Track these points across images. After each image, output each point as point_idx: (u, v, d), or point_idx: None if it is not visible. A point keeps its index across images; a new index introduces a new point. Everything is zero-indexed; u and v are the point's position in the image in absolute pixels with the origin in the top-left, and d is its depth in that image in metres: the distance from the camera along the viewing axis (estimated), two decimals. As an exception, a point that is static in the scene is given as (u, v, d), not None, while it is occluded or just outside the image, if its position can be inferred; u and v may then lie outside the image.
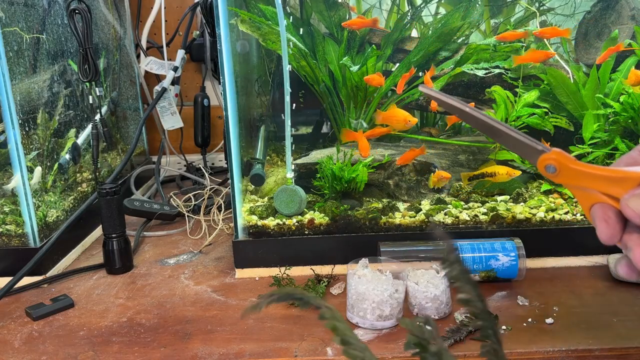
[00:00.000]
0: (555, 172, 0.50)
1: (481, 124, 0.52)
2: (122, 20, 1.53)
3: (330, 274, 0.95)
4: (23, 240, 1.00)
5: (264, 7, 1.11)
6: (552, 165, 0.50)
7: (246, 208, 1.05)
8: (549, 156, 0.50)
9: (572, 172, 0.49)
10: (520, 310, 0.84)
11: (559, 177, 0.50)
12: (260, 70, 1.34)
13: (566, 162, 0.49)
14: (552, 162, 0.50)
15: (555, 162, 0.50)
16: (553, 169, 0.50)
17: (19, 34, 1.01)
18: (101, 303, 0.92)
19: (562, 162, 0.49)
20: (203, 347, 0.77)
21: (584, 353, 0.73)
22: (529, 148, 0.51)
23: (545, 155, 0.50)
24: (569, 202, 1.05)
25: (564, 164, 0.49)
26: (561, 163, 0.49)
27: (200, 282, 0.98)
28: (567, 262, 0.99)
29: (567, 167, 0.49)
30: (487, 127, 0.52)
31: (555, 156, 0.49)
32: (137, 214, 1.26)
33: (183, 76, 1.67)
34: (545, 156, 0.50)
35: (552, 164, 0.50)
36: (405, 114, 1.00)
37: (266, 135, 1.31)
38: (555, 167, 0.50)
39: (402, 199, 1.09)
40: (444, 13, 1.24)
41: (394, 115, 1.01)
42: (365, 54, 1.14)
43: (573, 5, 1.22)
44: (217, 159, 1.79)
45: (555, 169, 0.50)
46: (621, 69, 1.06)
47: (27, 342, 0.80)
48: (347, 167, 1.02)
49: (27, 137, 1.01)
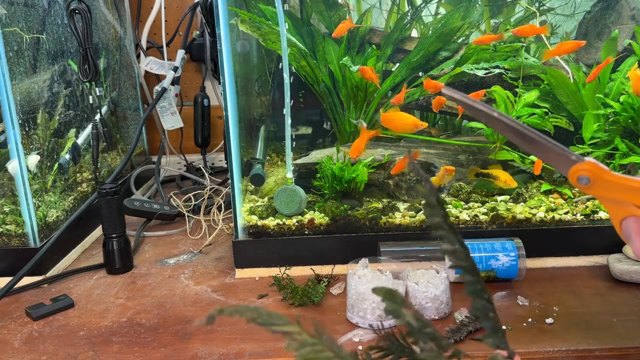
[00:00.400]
0: (588, 183, 0.48)
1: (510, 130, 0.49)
2: (122, 20, 1.53)
3: (330, 274, 0.95)
4: (23, 240, 1.00)
5: (264, 7, 1.11)
6: (586, 177, 0.48)
7: (246, 208, 1.05)
8: (582, 166, 0.48)
9: (607, 183, 0.47)
10: (520, 310, 0.84)
11: (592, 188, 0.48)
12: (260, 70, 1.34)
13: (601, 174, 0.47)
14: (585, 173, 0.48)
15: (589, 173, 0.47)
16: (586, 180, 0.48)
17: (19, 34, 1.01)
18: (101, 303, 0.92)
19: (597, 173, 0.47)
20: (203, 347, 0.77)
21: (584, 353, 0.73)
22: (561, 157, 0.48)
23: (579, 165, 0.48)
24: (569, 202, 1.05)
25: (598, 175, 0.47)
26: (595, 174, 0.47)
27: (200, 282, 0.98)
28: (567, 262, 0.99)
29: (602, 178, 0.47)
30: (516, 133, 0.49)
31: (589, 167, 0.47)
32: (137, 214, 1.26)
33: (183, 76, 1.67)
34: (578, 166, 0.48)
35: (586, 175, 0.48)
36: (413, 118, 0.98)
37: (266, 135, 1.31)
38: (589, 178, 0.48)
39: (402, 199, 1.09)
40: (444, 13, 1.24)
41: (400, 118, 0.99)
42: (365, 54, 1.14)
43: (573, 5, 1.22)
44: (217, 159, 1.79)
45: (589, 180, 0.48)
46: (621, 69, 1.06)
47: (27, 342, 0.80)
48: (347, 167, 1.02)
49: (27, 137, 1.01)
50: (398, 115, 0.99)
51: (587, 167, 0.48)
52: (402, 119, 0.98)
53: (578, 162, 0.48)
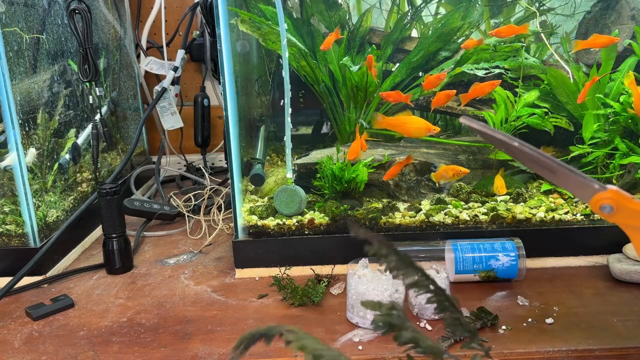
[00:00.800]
0: (612, 211, 0.48)
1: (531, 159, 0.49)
2: (122, 20, 1.53)
3: (330, 274, 0.95)
4: (23, 240, 1.00)
5: (264, 7, 1.11)
6: (609, 205, 0.47)
7: (246, 208, 1.05)
8: (605, 195, 0.47)
9: (630, 212, 0.47)
10: (520, 310, 0.84)
11: (616, 217, 0.48)
12: (260, 70, 1.34)
13: (624, 202, 0.47)
14: (608, 202, 0.47)
15: (612, 202, 0.47)
16: (610, 208, 0.48)
17: (19, 34, 1.01)
18: (101, 303, 0.92)
19: (620, 201, 0.47)
20: (203, 347, 0.77)
21: (584, 353, 0.73)
22: (583, 186, 0.48)
23: (602, 194, 0.47)
24: (569, 202, 1.05)
25: (621, 203, 0.47)
26: (619, 203, 0.47)
27: (200, 282, 0.98)
28: (567, 262, 0.99)
29: (625, 206, 0.47)
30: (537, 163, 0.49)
31: (611, 195, 0.47)
32: (137, 214, 1.26)
33: (183, 76, 1.67)
34: (601, 195, 0.47)
35: (609, 204, 0.47)
36: (426, 123, 0.96)
37: (266, 135, 1.31)
38: (612, 206, 0.47)
39: (402, 199, 1.09)
40: (444, 13, 1.24)
41: (410, 122, 0.97)
42: (365, 54, 1.14)
43: (573, 5, 1.22)
44: (217, 159, 1.79)
45: (612, 209, 0.47)
46: (621, 69, 1.06)
47: (27, 342, 0.80)
48: (347, 167, 1.02)
49: (27, 137, 1.01)
50: (410, 119, 0.97)
51: (610, 196, 0.47)
52: (415, 122, 0.97)
53: (601, 191, 0.48)
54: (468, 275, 0.91)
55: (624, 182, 1.04)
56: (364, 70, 1.10)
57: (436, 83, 0.98)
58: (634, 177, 1.03)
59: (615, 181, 1.06)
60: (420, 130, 0.96)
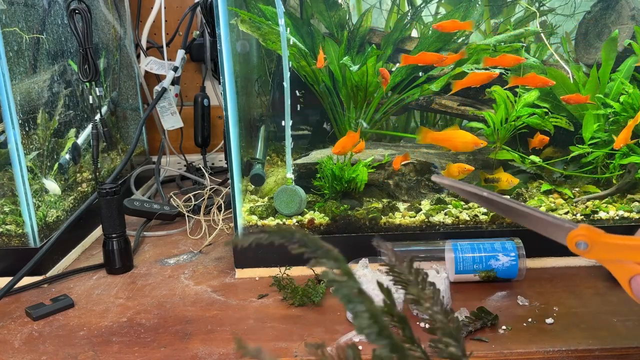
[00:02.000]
0: (587, 247, 0.48)
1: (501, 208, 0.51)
2: (122, 20, 1.53)
3: (330, 274, 0.95)
4: (23, 240, 1.00)
5: (264, 7, 1.11)
6: (583, 242, 0.48)
7: (246, 208, 1.05)
8: (578, 232, 0.48)
9: (605, 246, 0.48)
10: (520, 310, 0.84)
11: (592, 252, 0.48)
12: (260, 70, 1.34)
13: (597, 237, 0.48)
14: (582, 239, 0.48)
15: (586, 238, 0.48)
16: (584, 245, 0.48)
17: (19, 34, 1.01)
18: (101, 303, 0.92)
19: (593, 237, 0.48)
20: (203, 347, 0.77)
21: (584, 353, 0.73)
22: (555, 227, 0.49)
23: (574, 231, 0.48)
24: (569, 202, 1.05)
25: (595, 239, 0.48)
26: (592, 238, 0.48)
27: (200, 282, 0.98)
28: (567, 262, 0.99)
29: (599, 241, 0.48)
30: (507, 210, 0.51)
31: (584, 232, 0.48)
32: (137, 214, 1.26)
33: (183, 76, 1.67)
34: (574, 233, 0.48)
35: (583, 240, 0.48)
36: (473, 137, 0.96)
37: (266, 135, 1.31)
38: (586, 243, 0.48)
39: (402, 199, 1.09)
40: (444, 13, 1.24)
41: (458, 137, 0.96)
42: (365, 53, 1.14)
43: (573, 5, 1.22)
44: (217, 159, 1.79)
45: (587, 245, 0.48)
46: (621, 69, 1.06)
47: (27, 342, 0.80)
48: (347, 167, 1.02)
49: (27, 137, 1.01)
50: (457, 133, 0.97)
51: (583, 232, 0.49)
52: (462, 137, 0.97)
53: (573, 229, 0.49)
54: (468, 275, 0.91)
55: (624, 182, 1.04)
56: (364, 70, 1.10)
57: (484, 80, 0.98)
58: (634, 177, 1.03)
59: (615, 181, 1.07)
60: (467, 145, 0.97)
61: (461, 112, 1.19)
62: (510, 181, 1.01)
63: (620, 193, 1.06)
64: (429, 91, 1.14)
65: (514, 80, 0.98)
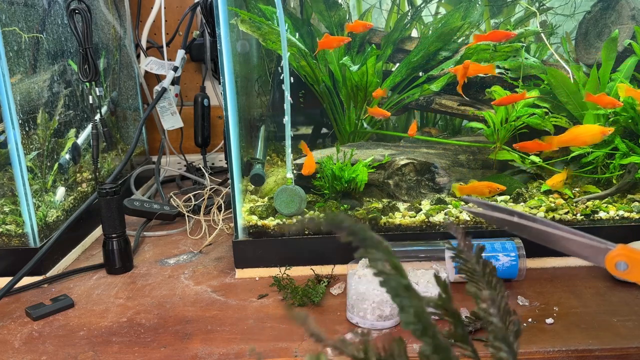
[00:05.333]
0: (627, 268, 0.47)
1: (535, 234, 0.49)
2: (122, 20, 1.53)
3: (330, 274, 0.95)
4: (23, 240, 1.00)
5: (264, 7, 1.11)
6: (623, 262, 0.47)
7: (246, 208, 1.05)
8: (618, 252, 0.47)
9: None
10: (520, 310, 0.84)
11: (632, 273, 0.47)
12: (260, 70, 1.34)
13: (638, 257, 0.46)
14: (622, 259, 0.47)
15: (626, 258, 0.47)
16: (624, 265, 0.47)
17: (19, 34, 1.01)
18: (101, 303, 0.92)
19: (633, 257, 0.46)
20: (203, 347, 0.77)
21: (584, 353, 0.73)
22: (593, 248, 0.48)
23: (613, 252, 0.47)
24: (569, 202, 1.05)
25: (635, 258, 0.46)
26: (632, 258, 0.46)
27: (200, 282, 0.98)
28: (567, 262, 0.99)
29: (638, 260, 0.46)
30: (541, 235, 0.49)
31: (623, 252, 0.47)
32: (137, 214, 1.26)
33: (183, 76, 1.67)
34: (612, 253, 0.47)
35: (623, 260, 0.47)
36: (600, 127, 0.93)
37: (266, 135, 1.31)
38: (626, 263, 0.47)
39: (402, 199, 1.09)
40: (444, 13, 1.24)
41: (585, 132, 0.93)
42: (365, 53, 1.14)
43: (573, 5, 1.22)
44: (217, 159, 1.79)
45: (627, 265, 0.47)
46: (621, 69, 1.06)
47: (27, 342, 0.80)
48: (347, 167, 1.02)
49: (27, 137, 1.01)
50: (582, 129, 0.94)
51: (622, 252, 0.47)
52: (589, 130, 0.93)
53: (610, 250, 0.47)
54: (468, 275, 0.91)
55: (624, 182, 1.04)
56: (363, 70, 1.10)
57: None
58: (634, 177, 1.03)
59: (615, 181, 1.07)
60: (596, 136, 0.93)
61: (461, 112, 1.19)
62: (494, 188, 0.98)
63: (620, 193, 1.06)
64: (429, 91, 1.14)
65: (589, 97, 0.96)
